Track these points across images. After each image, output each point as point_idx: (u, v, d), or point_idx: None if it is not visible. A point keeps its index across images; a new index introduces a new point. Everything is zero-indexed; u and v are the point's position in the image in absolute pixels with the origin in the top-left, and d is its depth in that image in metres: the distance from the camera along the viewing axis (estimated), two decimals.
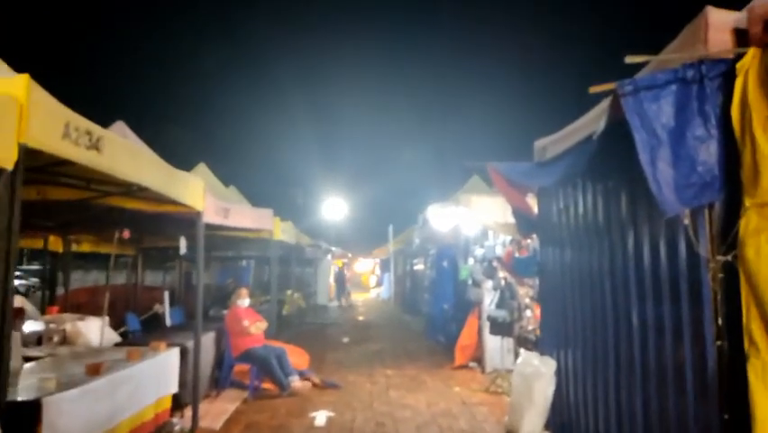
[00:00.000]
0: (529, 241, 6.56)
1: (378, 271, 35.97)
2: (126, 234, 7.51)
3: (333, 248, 31.34)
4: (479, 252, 7.75)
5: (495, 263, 7.50)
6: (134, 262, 11.99)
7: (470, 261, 8.90)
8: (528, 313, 7.54)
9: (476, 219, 6.65)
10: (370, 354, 10.75)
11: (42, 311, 8.52)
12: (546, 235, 5.75)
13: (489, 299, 9.09)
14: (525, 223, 5.96)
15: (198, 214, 5.90)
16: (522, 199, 5.89)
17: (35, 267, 26.49)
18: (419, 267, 18.76)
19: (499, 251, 7.08)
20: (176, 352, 5.54)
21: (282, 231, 9.74)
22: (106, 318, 7.69)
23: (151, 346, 5.32)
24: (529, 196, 6.07)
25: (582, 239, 4.94)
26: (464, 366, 9.16)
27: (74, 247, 9.44)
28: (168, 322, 8.75)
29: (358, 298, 31.07)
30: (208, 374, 7.03)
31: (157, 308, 8.97)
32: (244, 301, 7.45)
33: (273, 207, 11.40)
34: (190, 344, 6.19)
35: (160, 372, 5.08)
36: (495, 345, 9.08)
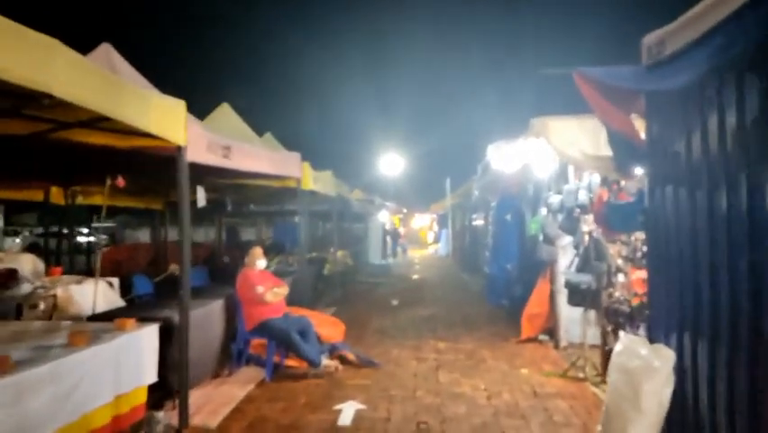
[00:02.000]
0: (628, 181, 4.75)
1: (435, 227, 34.36)
2: (120, 181, 6.25)
3: (388, 203, 30.03)
4: (554, 199, 5.99)
5: (577, 213, 5.73)
6: (162, 218, 10.96)
7: (542, 211, 7.14)
8: (621, 278, 5.78)
9: (554, 152, 4.89)
10: (421, 321, 9.30)
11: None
12: (661, 171, 3.95)
13: (565, 260, 7.36)
14: (627, 153, 4.18)
15: (179, 150, 4.48)
16: (624, 119, 4.10)
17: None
18: (478, 222, 17.00)
19: (583, 197, 5.30)
20: (151, 330, 4.24)
21: (315, 180, 8.27)
22: (100, 282, 6.57)
23: (116, 324, 4.02)
24: (634, 117, 4.25)
25: (725, 174, 3.17)
26: (533, 339, 7.55)
27: (81, 200, 8.37)
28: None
29: (415, 254, 29.74)
30: (216, 351, 5.78)
31: (173, 268, 7.82)
32: (260, 263, 6.09)
33: (329, 162, 10.04)
34: (191, 315, 4.91)
35: (123, 358, 3.79)
36: (571, 315, 7.38)
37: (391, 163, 39.25)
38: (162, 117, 4.23)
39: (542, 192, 7.21)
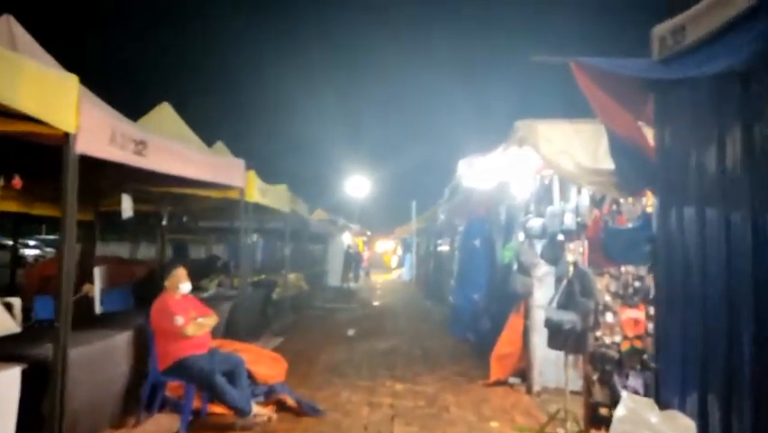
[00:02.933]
0: (628, 202, 3.95)
1: (399, 251, 33.50)
2: (17, 182, 5.15)
3: (352, 225, 29.06)
4: (534, 223, 5.17)
5: (561, 240, 4.91)
6: (90, 230, 9.70)
7: (518, 237, 6.30)
8: (609, 318, 4.96)
9: (542, 163, 4.05)
10: (378, 356, 8.29)
11: None
12: (675, 189, 3.15)
13: (542, 292, 6.53)
14: (633, 166, 3.37)
15: (67, 138, 3.46)
16: (631, 122, 3.30)
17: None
18: (444, 247, 16.20)
19: (569, 221, 4.48)
20: (8, 376, 3.14)
21: (263, 193, 7.27)
22: None
23: None
24: (641, 126, 3.45)
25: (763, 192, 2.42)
26: (502, 382, 6.64)
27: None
28: (98, 308, 6.41)
29: (378, 279, 28.75)
30: (118, 394, 4.65)
31: (86, 289, 6.64)
32: (183, 287, 5.03)
33: (291, 181, 9.12)
34: (79, 351, 3.82)
35: None
36: (547, 356, 6.54)
37: (357, 185, 38.48)
38: (42, 93, 3.22)
39: (518, 215, 6.39)
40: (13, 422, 3.17)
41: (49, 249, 27.11)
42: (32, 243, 28.88)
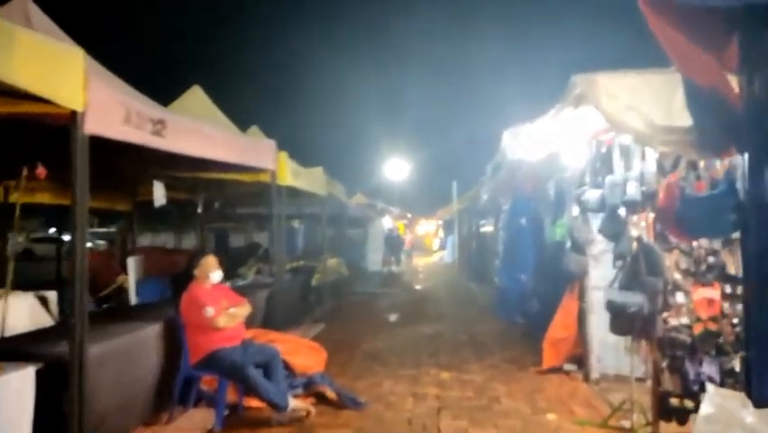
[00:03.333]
0: (711, 164, 3.41)
1: (441, 234, 32.98)
2: (41, 171, 4.96)
3: (392, 208, 28.70)
4: (591, 195, 4.64)
5: (623, 213, 4.38)
6: (128, 221, 9.66)
7: (573, 211, 5.78)
8: (680, 298, 4.42)
9: (600, 125, 3.51)
10: (421, 342, 7.93)
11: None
12: (766, 147, 2.61)
13: (597, 272, 6.00)
14: (716, 121, 2.82)
15: (74, 117, 3.18)
16: (712, 67, 2.75)
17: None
18: (487, 228, 15.64)
19: (633, 191, 3.96)
20: (22, 377, 2.92)
21: (295, 175, 6.96)
22: (27, 297, 5.31)
23: None
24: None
25: None
26: (557, 369, 6.17)
27: (15, 197, 7.06)
28: (133, 299, 6.26)
29: (420, 262, 28.39)
30: (149, 391, 4.44)
31: (121, 280, 6.51)
32: (214, 276, 4.76)
33: (331, 166, 8.81)
34: (104, 347, 3.61)
35: None
36: (605, 340, 6.03)
37: (396, 168, 38.04)
38: (44, 67, 2.94)
39: (571, 188, 5.85)
40: (29, 423, 2.95)
41: (100, 241, 27.86)
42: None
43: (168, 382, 4.59)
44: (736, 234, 3.15)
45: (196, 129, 4.47)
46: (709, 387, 3.01)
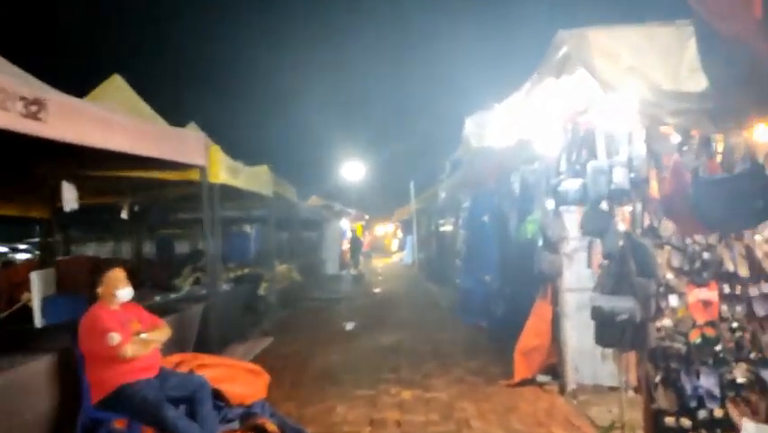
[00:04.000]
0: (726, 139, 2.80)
1: (400, 234, 32.41)
2: None
3: (350, 210, 27.93)
4: (569, 185, 3.99)
5: (607, 205, 3.77)
6: (47, 229, 8.56)
7: (546, 205, 5.16)
8: (673, 301, 3.85)
9: (600, 86, 2.84)
10: (380, 355, 7.21)
11: None
12: None
13: (572, 271, 5.42)
14: (742, 83, 2.21)
15: None
16: (741, 11, 2.12)
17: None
18: (447, 227, 15.09)
19: (620, 178, 3.33)
20: None
21: (232, 172, 6.11)
22: None
23: None
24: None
25: None
26: (529, 381, 5.56)
27: None
28: (38, 320, 5.29)
29: (379, 263, 27.70)
30: None
31: (24, 298, 5.53)
32: (121, 294, 3.89)
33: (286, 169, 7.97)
34: None
35: None
36: (582, 347, 5.48)
37: (353, 169, 37.33)
38: None
39: (542, 180, 5.24)
40: None
41: (22, 256, 25.80)
42: (22, 246, 27.63)
43: (68, 427, 3.70)
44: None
45: (91, 113, 3.60)
46: (747, 424, 2.39)
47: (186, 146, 4.98)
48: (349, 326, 9.55)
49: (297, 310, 10.88)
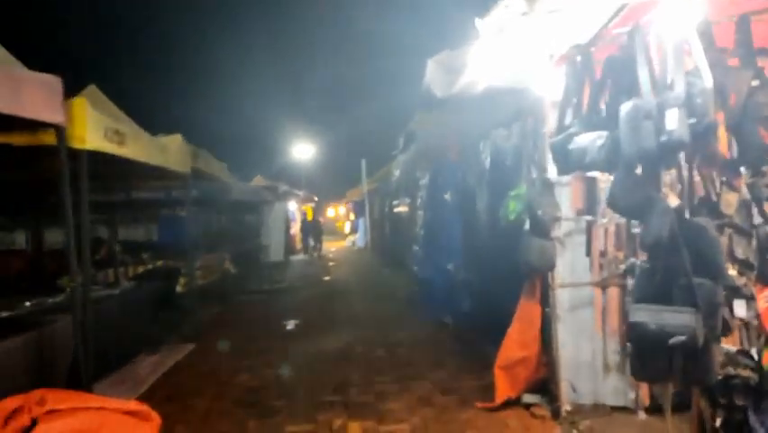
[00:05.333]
0: None
1: (352, 216, 31.02)
2: None
3: (298, 191, 26.29)
4: (583, 141, 2.65)
5: (650, 169, 2.48)
6: None
7: (534, 175, 3.87)
8: (740, 309, 2.64)
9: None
10: (325, 364, 5.86)
11: None
12: None
13: (565, 261, 4.21)
14: None
15: None
16: None
17: None
18: (402, 208, 13.80)
19: (675, 124, 1.99)
20: None
21: (110, 136, 4.51)
22: None
23: None
24: None
25: None
26: (514, 402, 4.33)
27: None
28: None
29: (330, 247, 26.26)
30: None
31: None
32: None
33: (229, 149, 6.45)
34: None
35: None
36: (578, 358, 4.31)
37: (303, 149, 35.54)
38: None
39: (528, 143, 3.94)
40: None
41: None
42: None
43: None
44: None
45: None
46: None
47: (25, 94, 3.40)
48: (289, 324, 8.13)
49: (230, 307, 9.35)
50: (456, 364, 5.52)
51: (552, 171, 3.64)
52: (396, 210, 14.66)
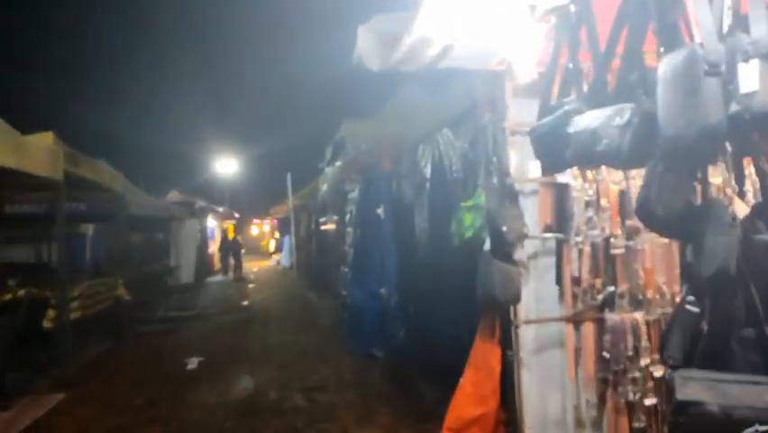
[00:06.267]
0: None
1: (277, 234, 29.48)
2: None
3: (218, 208, 24.62)
4: (596, 118, 1.72)
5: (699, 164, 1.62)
6: None
7: (496, 183, 2.96)
8: None
9: None
10: (228, 419, 4.67)
11: None
12: None
13: (530, 290, 3.35)
14: None
15: None
16: None
17: None
18: (330, 226, 12.69)
19: (756, 81, 1.07)
20: None
21: None
22: None
23: None
24: None
25: None
26: None
27: None
28: None
29: (253, 266, 24.64)
30: None
31: None
32: None
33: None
34: None
35: None
36: (546, 413, 3.43)
37: (225, 164, 33.74)
38: None
39: (491, 135, 3.05)
40: None
41: None
42: None
43: None
44: None
45: None
46: None
47: None
48: (193, 363, 6.82)
49: (122, 342, 7.86)
50: (391, 416, 4.51)
51: (523, 173, 2.75)
52: (323, 228, 13.56)
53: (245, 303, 12.68)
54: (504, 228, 2.95)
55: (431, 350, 5.16)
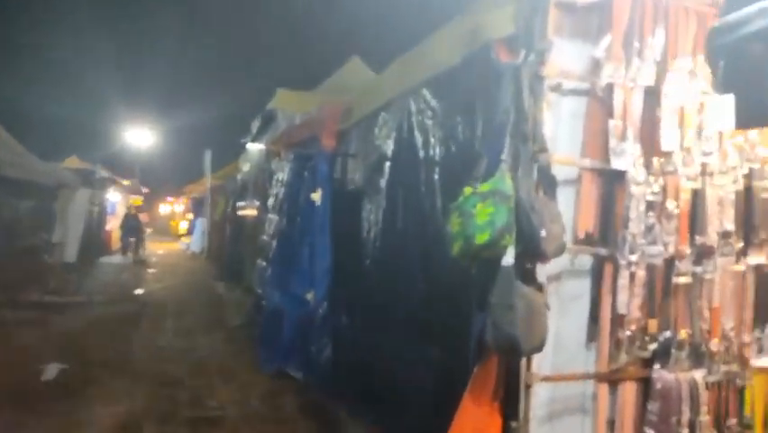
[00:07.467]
0: None
1: (191, 215, 27.14)
2: None
3: (124, 181, 22.11)
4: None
5: None
6: None
7: (524, 156, 1.80)
8: None
9: None
10: None
11: None
12: None
13: (565, 323, 2.21)
14: None
15: None
16: None
17: None
18: (249, 211, 11.12)
19: None
20: None
21: None
22: None
23: None
24: None
25: None
26: None
27: None
28: None
29: (158, 249, 22.36)
30: None
31: None
32: None
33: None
34: None
35: None
36: None
37: (138, 135, 30.81)
38: None
39: (534, 78, 1.88)
40: None
41: None
42: None
43: None
44: None
45: None
46: None
47: None
48: (52, 371, 5.22)
49: None
50: None
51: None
52: (240, 212, 11.96)
53: (139, 292, 10.87)
54: (543, 233, 1.80)
55: (367, 384, 3.98)
